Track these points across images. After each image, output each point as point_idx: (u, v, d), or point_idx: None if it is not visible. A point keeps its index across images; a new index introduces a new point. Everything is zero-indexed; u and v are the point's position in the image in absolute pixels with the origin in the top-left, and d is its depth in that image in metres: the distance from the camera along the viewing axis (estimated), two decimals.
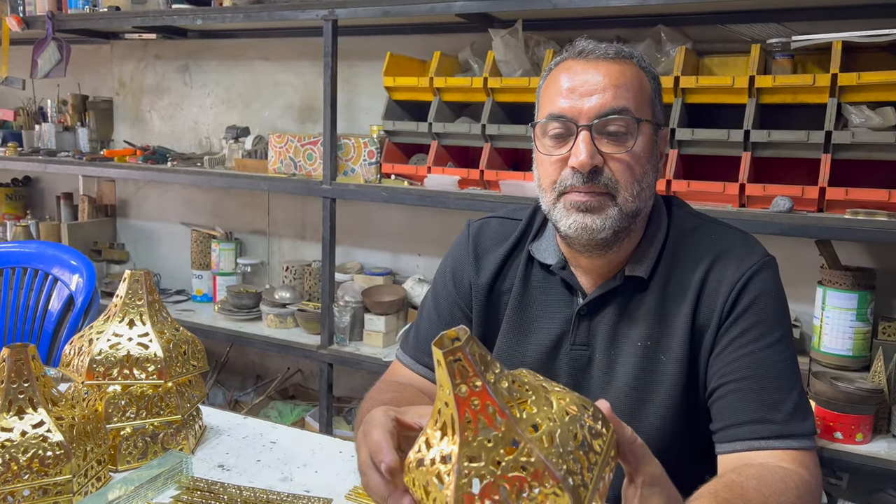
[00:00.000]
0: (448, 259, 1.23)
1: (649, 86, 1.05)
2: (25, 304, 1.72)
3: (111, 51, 3.30)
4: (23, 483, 0.90)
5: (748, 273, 1.03)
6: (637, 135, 1.01)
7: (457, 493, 0.61)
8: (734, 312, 1.02)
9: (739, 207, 1.95)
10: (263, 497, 1.00)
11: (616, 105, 1.00)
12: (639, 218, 1.05)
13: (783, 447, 0.96)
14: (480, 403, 0.62)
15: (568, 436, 0.64)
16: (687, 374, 1.04)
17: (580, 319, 1.09)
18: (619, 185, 1.01)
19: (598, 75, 1.01)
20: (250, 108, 3.03)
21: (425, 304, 1.23)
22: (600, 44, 1.05)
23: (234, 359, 3.14)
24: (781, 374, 0.99)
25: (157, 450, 1.09)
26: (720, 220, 1.13)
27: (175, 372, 1.09)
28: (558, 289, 1.12)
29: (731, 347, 1.01)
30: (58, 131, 3.23)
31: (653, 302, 1.06)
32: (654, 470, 0.75)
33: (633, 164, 1.01)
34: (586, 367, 1.09)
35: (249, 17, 2.49)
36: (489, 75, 2.22)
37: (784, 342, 1.02)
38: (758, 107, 1.94)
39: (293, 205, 2.95)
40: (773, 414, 0.97)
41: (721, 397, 1.01)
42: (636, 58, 1.05)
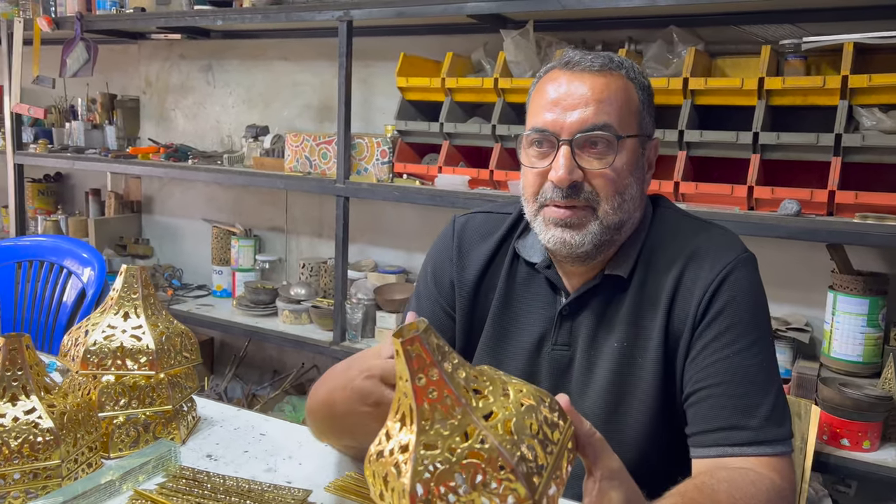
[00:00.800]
0: (430, 257, 1.23)
1: (637, 97, 1.05)
2: (41, 295, 1.78)
3: (138, 51, 3.38)
4: (13, 467, 0.95)
5: (722, 273, 1.02)
6: (618, 150, 1.01)
7: (412, 480, 0.62)
8: (708, 315, 1.02)
9: (747, 210, 1.93)
10: (245, 487, 1.02)
11: (597, 121, 1.00)
12: (624, 229, 1.05)
13: (757, 453, 0.96)
14: (438, 393, 0.64)
15: (523, 424, 0.65)
16: (663, 375, 1.04)
17: (562, 319, 1.10)
18: (599, 198, 1.01)
19: (582, 88, 1.01)
20: (270, 107, 3.08)
21: (409, 304, 1.24)
22: (588, 54, 1.04)
23: (253, 353, 3.20)
24: (756, 379, 0.99)
25: (148, 438, 1.13)
26: (702, 218, 1.12)
27: (167, 364, 1.13)
28: (542, 287, 1.12)
29: (705, 352, 1.01)
30: (87, 129, 3.32)
31: (630, 302, 1.06)
32: (612, 464, 0.75)
33: (615, 178, 1.01)
34: (567, 368, 1.10)
35: (268, 17, 2.54)
36: (500, 76, 2.24)
37: (759, 345, 1.01)
38: (768, 109, 1.92)
39: (310, 203, 3.00)
40: (746, 420, 0.97)
41: (695, 402, 1.01)
42: (625, 68, 1.05)
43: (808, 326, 2.07)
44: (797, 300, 2.14)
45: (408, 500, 0.62)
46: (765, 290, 1.07)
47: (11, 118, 3.16)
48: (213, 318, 2.82)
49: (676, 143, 2.00)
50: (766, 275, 2.09)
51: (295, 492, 1.02)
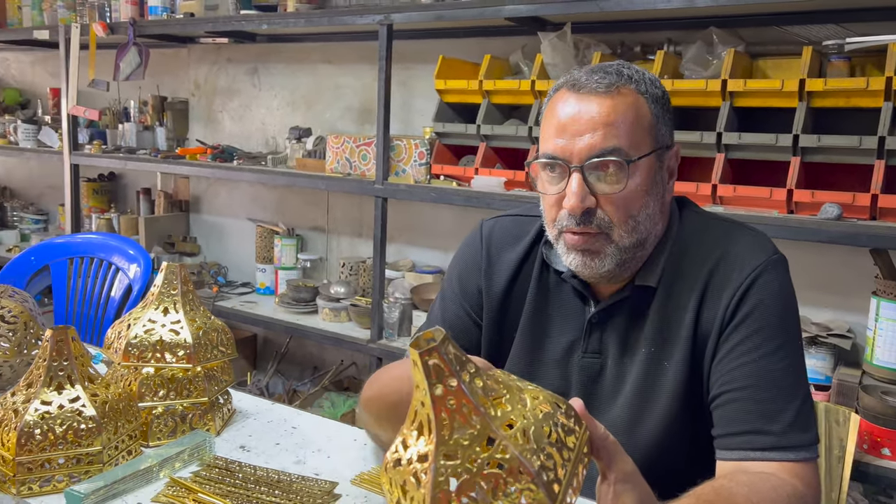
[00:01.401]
0: (457, 262, 1.22)
1: (649, 112, 1.02)
2: (91, 290, 1.86)
3: (188, 54, 3.49)
4: (58, 452, 1.00)
5: (751, 276, 1.01)
6: (630, 174, 0.99)
7: (434, 490, 0.62)
8: (736, 318, 1.01)
9: (787, 214, 1.90)
10: (275, 477, 1.06)
11: (606, 146, 0.98)
12: (646, 244, 1.05)
13: (780, 458, 0.95)
14: (456, 403, 0.64)
15: (542, 432, 0.66)
16: (689, 379, 1.04)
17: (592, 327, 1.10)
18: (612, 224, 1.00)
19: (590, 112, 0.99)
20: (313, 109, 3.15)
21: (434, 306, 1.24)
22: (595, 73, 1.01)
23: (294, 350, 3.27)
24: (781, 384, 0.98)
25: (185, 429, 1.18)
26: (731, 220, 1.11)
27: (203, 357, 1.18)
28: (571, 295, 1.12)
29: (732, 355, 1.01)
30: (138, 130, 3.44)
31: (659, 308, 1.06)
32: (626, 467, 0.76)
33: (628, 201, 1.00)
34: (598, 375, 1.10)
35: (310, 21, 2.59)
36: (537, 78, 2.24)
37: (787, 349, 1.00)
38: (809, 111, 1.89)
39: (351, 203, 3.05)
40: (770, 425, 0.96)
41: (721, 405, 1.01)
42: (635, 82, 1.02)
43: (850, 333, 2.03)
44: (839, 305, 2.10)
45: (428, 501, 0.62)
46: (796, 293, 1.05)
47: (68, 120, 3.29)
48: (256, 314, 2.89)
49: (714, 146, 1.98)
50: (807, 279, 2.07)
51: (322, 483, 1.06)
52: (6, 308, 1.33)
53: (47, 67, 4.06)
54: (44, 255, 1.89)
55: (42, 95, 4.02)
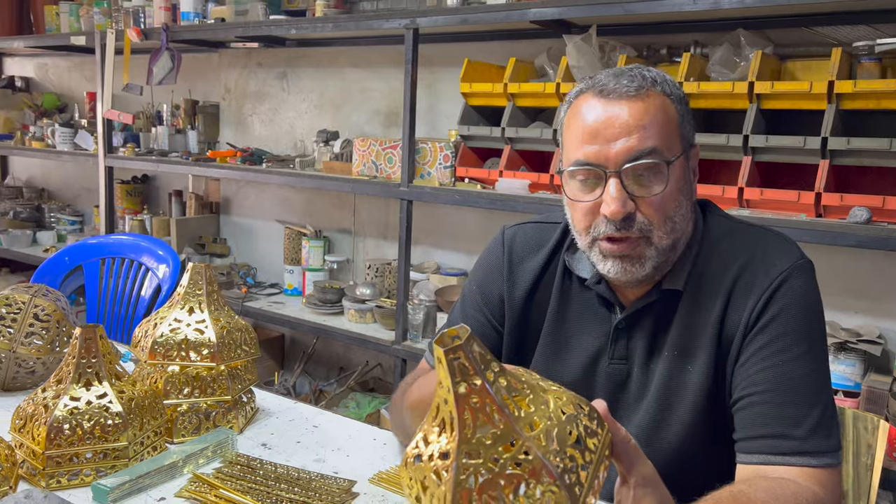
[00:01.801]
0: (479, 267, 1.22)
1: (675, 112, 1.02)
2: (122, 290, 1.91)
3: (219, 59, 3.55)
4: (86, 446, 1.03)
5: (777, 280, 1.00)
6: (668, 175, 0.99)
7: (455, 488, 0.62)
8: (760, 322, 1.00)
9: (815, 217, 1.87)
10: (294, 475, 1.08)
11: (644, 147, 0.97)
12: (679, 243, 1.04)
13: (801, 464, 0.95)
14: (479, 401, 0.64)
15: (564, 434, 0.66)
16: (712, 383, 1.03)
17: (618, 334, 1.09)
18: (652, 227, 0.99)
19: (622, 116, 0.98)
20: (340, 112, 3.18)
21: (454, 311, 1.24)
22: (622, 78, 1.01)
23: (321, 350, 3.30)
24: (804, 389, 0.97)
25: (209, 426, 1.20)
26: (755, 223, 1.10)
27: (227, 356, 1.20)
28: (594, 302, 1.11)
29: (755, 358, 1.00)
30: (171, 133, 3.51)
31: (683, 311, 1.06)
32: (646, 470, 0.76)
33: (666, 202, 0.99)
34: (625, 382, 1.09)
35: (338, 26, 2.63)
36: (562, 81, 2.24)
37: (811, 354, 0.99)
38: (838, 113, 1.86)
39: (377, 206, 3.08)
40: (792, 430, 0.96)
41: (742, 409, 1.00)
42: (660, 84, 1.01)
43: (880, 339, 2.00)
44: (869, 311, 2.06)
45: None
46: (825, 298, 1.04)
47: (103, 123, 3.37)
48: (284, 315, 2.92)
49: (741, 148, 1.96)
50: (836, 284, 2.04)
51: (340, 482, 1.07)
52: (40, 307, 1.37)
53: (84, 72, 4.16)
54: (77, 256, 1.94)
55: (79, 100, 4.12)
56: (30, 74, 4.51)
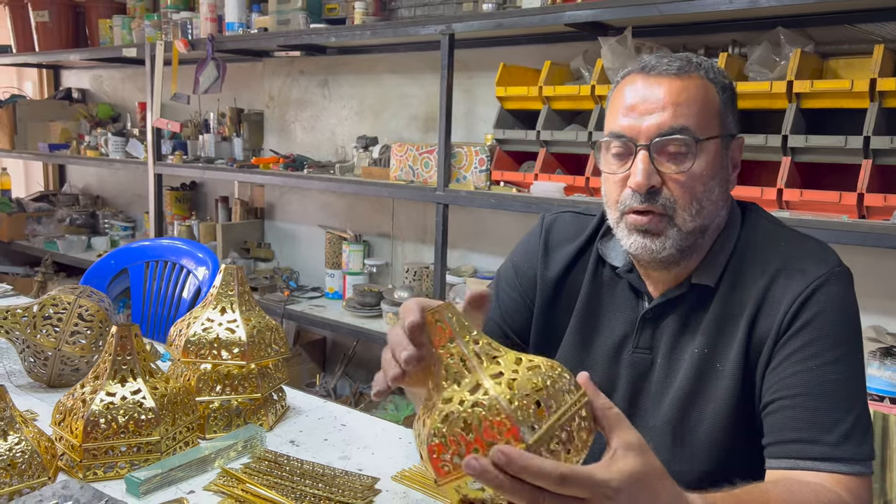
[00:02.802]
0: (517, 249, 1.26)
1: (717, 98, 1.02)
2: (165, 291, 1.97)
3: (263, 68, 3.63)
4: (120, 440, 1.08)
5: (813, 285, 0.99)
6: (697, 154, 1.00)
7: (429, 430, 0.70)
8: (794, 325, 0.99)
9: (857, 219, 1.82)
10: (319, 471, 1.11)
11: (675, 124, 0.99)
12: (707, 232, 1.04)
13: (830, 469, 0.93)
14: (456, 358, 0.72)
15: (525, 382, 0.69)
16: (742, 384, 1.02)
17: (644, 323, 1.10)
18: (676, 205, 1.00)
19: (659, 92, 1.00)
20: (379, 118, 3.22)
21: (492, 286, 1.28)
22: (665, 58, 1.03)
23: (361, 353, 3.34)
24: (839, 395, 0.95)
25: (239, 423, 1.24)
26: (796, 229, 1.09)
27: (257, 355, 1.24)
28: (625, 290, 1.13)
29: (788, 362, 0.99)
30: (217, 141, 3.60)
31: (716, 309, 1.05)
32: (629, 437, 0.72)
33: (693, 183, 1.00)
34: (647, 372, 1.10)
35: (376, 33, 2.67)
36: (597, 83, 2.24)
37: (846, 362, 0.97)
38: (881, 111, 1.81)
39: (415, 210, 3.11)
40: (824, 435, 0.94)
41: (773, 412, 0.99)
42: (704, 69, 1.03)
43: None
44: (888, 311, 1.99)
45: (426, 448, 0.69)
46: (867, 301, 1.03)
47: (152, 132, 3.49)
48: (325, 318, 2.97)
49: (780, 149, 1.92)
50: (879, 287, 1.98)
51: (364, 479, 1.09)
52: (84, 307, 1.43)
53: (136, 83, 4.31)
54: (122, 259, 2.02)
55: (131, 110, 4.27)
56: (86, 86, 4.69)
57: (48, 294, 1.44)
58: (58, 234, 4.17)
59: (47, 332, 1.39)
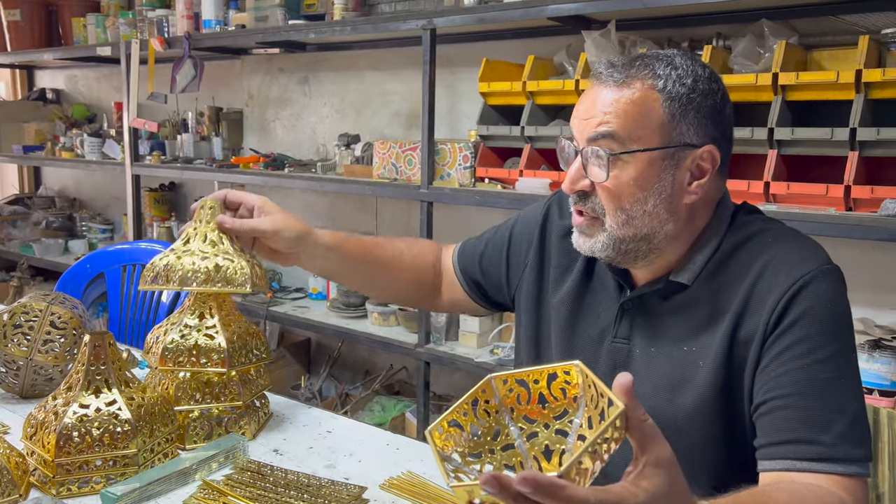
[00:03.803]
0: (519, 218, 1.31)
1: (661, 110, 0.98)
2: (144, 296, 1.92)
3: (241, 66, 3.57)
4: (95, 454, 1.03)
5: (799, 283, 0.96)
6: (619, 166, 0.98)
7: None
8: (781, 324, 0.96)
9: (844, 211, 1.81)
10: (304, 481, 1.07)
11: (598, 131, 0.98)
12: (654, 239, 1.02)
13: (827, 471, 0.90)
14: None
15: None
16: (722, 382, 1.00)
17: (623, 313, 1.09)
18: (605, 211, 1.02)
19: (594, 100, 1.00)
20: (361, 116, 3.18)
21: (482, 235, 1.35)
22: (613, 66, 1.01)
23: (346, 354, 3.30)
24: (831, 394, 0.93)
25: (220, 432, 1.20)
26: (789, 227, 1.07)
27: (238, 362, 1.19)
28: (611, 281, 1.13)
29: (777, 361, 0.96)
30: (195, 141, 3.54)
31: (697, 307, 1.03)
32: (661, 453, 0.70)
33: (619, 192, 0.99)
34: (625, 362, 1.09)
35: (356, 29, 2.62)
36: (581, 77, 2.21)
37: (839, 360, 0.95)
38: (867, 103, 1.80)
39: (399, 208, 3.07)
40: (820, 435, 0.91)
41: (765, 413, 0.96)
42: (657, 78, 0.98)
43: None
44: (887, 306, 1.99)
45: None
46: (857, 295, 1.01)
47: (129, 132, 3.42)
48: (309, 319, 2.93)
49: (766, 142, 1.91)
50: (868, 280, 1.98)
51: (351, 488, 1.06)
52: (56, 314, 1.38)
53: (112, 83, 4.23)
54: (99, 263, 1.96)
55: (107, 110, 4.19)
56: (60, 86, 4.60)
57: (18, 302, 1.39)
58: (34, 237, 4.09)
59: (18, 340, 1.34)
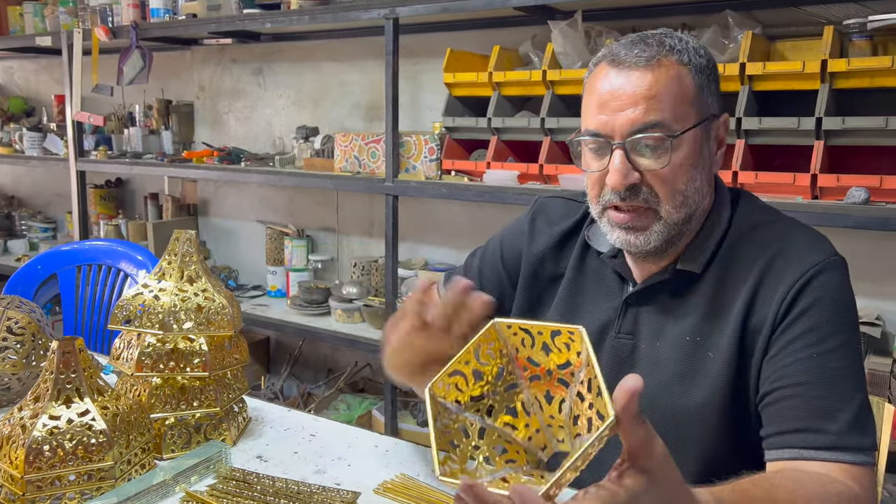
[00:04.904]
0: (506, 227, 1.26)
1: (693, 83, 0.97)
2: (101, 297, 1.83)
3: (191, 56, 3.45)
4: (69, 468, 0.96)
5: (809, 273, 0.96)
6: (674, 148, 0.96)
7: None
8: (791, 314, 0.96)
9: (811, 199, 1.84)
10: (294, 489, 1.02)
11: (648, 120, 0.95)
12: (693, 219, 1.02)
13: (835, 459, 0.90)
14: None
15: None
16: (734, 373, 0.99)
17: (627, 309, 1.07)
18: (660, 199, 0.98)
19: (630, 86, 0.96)
20: (319, 107, 3.10)
21: (473, 258, 1.28)
22: (635, 47, 0.98)
23: (308, 352, 3.23)
24: (840, 383, 0.93)
25: (199, 440, 1.14)
26: (791, 216, 1.07)
27: (218, 365, 1.13)
28: (610, 276, 1.11)
29: (786, 351, 0.96)
30: (144, 135, 3.40)
31: (705, 297, 1.02)
32: (653, 455, 0.68)
33: (674, 176, 0.97)
34: (630, 357, 1.07)
35: (314, 18, 2.55)
36: (548, 68, 2.19)
37: (846, 350, 0.95)
38: (832, 92, 1.83)
39: (361, 202, 3.01)
40: (827, 424, 0.91)
41: (772, 402, 0.96)
42: (678, 52, 0.97)
43: (879, 320, 1.97)
44: (868, 293, 2.04)
45: None
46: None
47: (73, 126, 3.26)
48: (268, 317, 2.85)
49: (734, 132, 1.92)
50: None
51: (344, 494, 1.01)
52: (13, 319, 1.29)
53: (52, 74, 4.04)
54: (51, 264, 1.85)
55: (47, 103, 3.99)
56: None
57: None
58: None
59: None
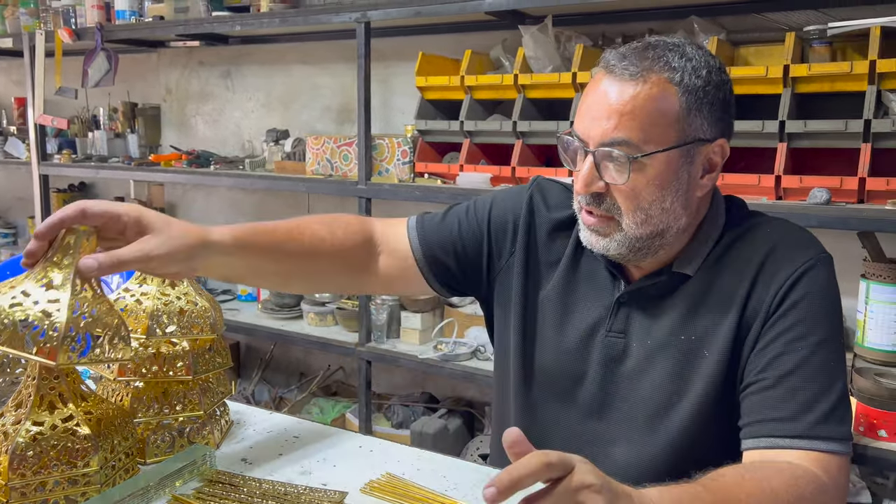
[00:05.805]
0: (499, 192, 1.22)
1: (678, 104, 0.96)
2: None
3: (158, 59, 3.41)
4: (53, 474, 0.95)
5: (800, 269, 1.00)
6: (639, 168, 0.97)
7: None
8: (781, 308, 1.00)
9: (775, 200, 1.90)
10: (281, 490, 1.03)
11: (616, 136, 0.96)
12: (667, 234, 1.02)
13: (808, 447, 0.93)
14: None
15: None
16: (728, 369, 1.02)
17: (619, 307, 1.08)
18: (622, 212, 1.00)
19: (610, 97, 0.97)
20: (290, 110, 3.09)
21: (455, 208, 1.22)
22: (627, 56, 0.98)
23: (279, 356, 3.22)
24: (821, 376, 0.96)
25: (183, 443, 1.13)
26: (779, 217, 1.10)
27: (202, 369, 1.13)
28: (603, 274, 1.11)
29: (773, 344, 0.99)
30: (109, 138, 3.36)
31: (700, 296, 1.04)
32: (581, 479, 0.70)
33: (636, 193, 0.98)
34: (621, 356, 1.08)
35: (285, 21, 2.55)
36: (520, 72, 2.22)
37: (828, 345, 0.98)
38: (794, 96, 1.89)
39: (333, 205, 3.01)
40: (804, 414, 0.94)
41: (753, 392, 0.99)
42: (672, 69, 0.96)
43: None
44: None
45: None
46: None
47: (35, 129, 3.20)
48: (239, 322, 2.83)
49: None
50: None
51: (331, 494, 1.02)
52: None
53: (11, 76, 3.95)
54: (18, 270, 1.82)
55: (6, 106, 3.91)
56: None
57: None
58: None
59: None
